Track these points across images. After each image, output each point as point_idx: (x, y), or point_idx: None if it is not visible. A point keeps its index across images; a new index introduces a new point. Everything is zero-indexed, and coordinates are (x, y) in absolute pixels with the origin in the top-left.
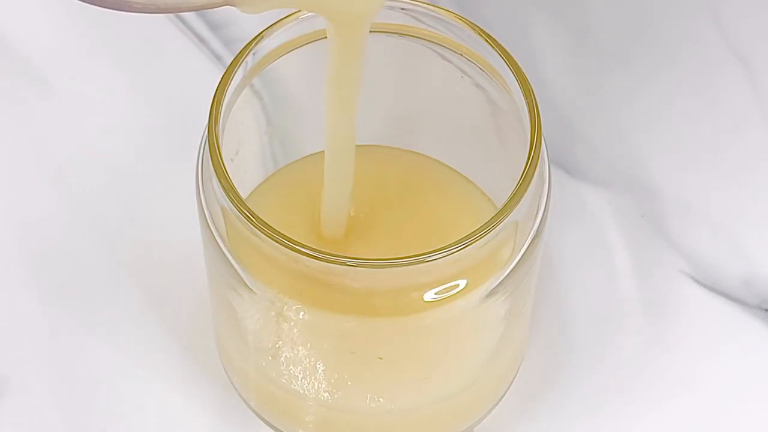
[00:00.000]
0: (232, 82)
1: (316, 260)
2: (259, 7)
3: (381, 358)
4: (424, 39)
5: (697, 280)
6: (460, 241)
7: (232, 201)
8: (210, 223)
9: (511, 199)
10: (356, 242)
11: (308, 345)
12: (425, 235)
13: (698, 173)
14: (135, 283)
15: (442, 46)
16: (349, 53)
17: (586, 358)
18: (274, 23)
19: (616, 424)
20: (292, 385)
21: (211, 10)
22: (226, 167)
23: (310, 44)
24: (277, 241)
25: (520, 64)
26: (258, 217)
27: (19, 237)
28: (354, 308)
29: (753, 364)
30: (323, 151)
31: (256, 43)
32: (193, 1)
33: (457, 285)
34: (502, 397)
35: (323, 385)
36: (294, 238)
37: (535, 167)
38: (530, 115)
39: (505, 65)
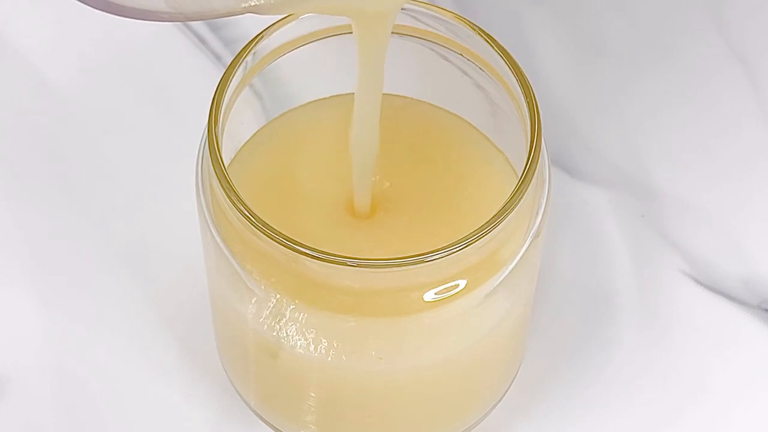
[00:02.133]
0: (232, 82)
1: (316, 260)
2: (281, 13)
3: (381, 358)
4: (424, 39)
5: (697, 280)
6: (460, 241)
7: (232, 201)
8: (210, 223)
9: (511, 199)
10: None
11: (308, 345)
12: (452, 203)
13: (698, 173)
14: (135, 284)
15: (442, 46)
16: (374, 46)
17: (585, 358)
18: (274, 23)
19: (616, 424)
20: (292, 385)
21: None
22: (226, 167)
23: (310, 44)
24: (277, 241)
25: (520, 64)
26: (258, 217)
27: (19, 237)
28: (354, 308)
29: (753, 364)
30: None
31: (256, 43)
32: (217, 9)
33: (457, 285)
34: (502, 397)
35: (323, 385)
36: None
37: (535, 167)
38: (530, 115)
39: (505, 65)
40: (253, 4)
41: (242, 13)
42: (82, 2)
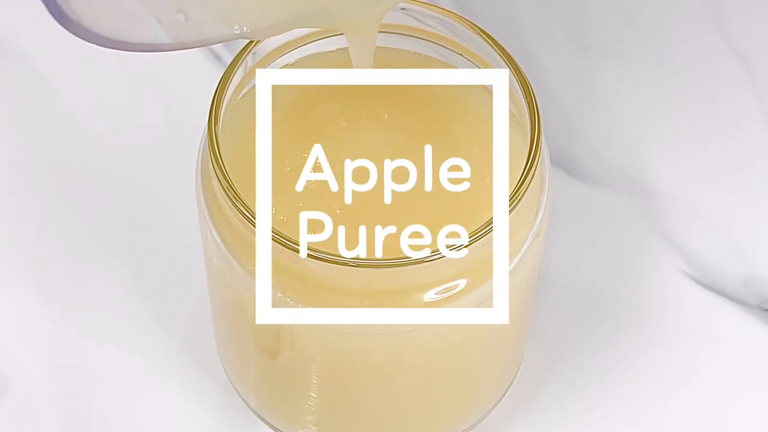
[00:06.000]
0: (232, 82)
1: (316, 260)
2: (270, 37)
3: (381, 358)
4: (424, 39)
5: (697, 280)
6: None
7: (232, 201)
8: (210, 223)
9: (511, 199)
10: None
11: (308, 345)
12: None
13: (698, 173)
14: (135, 283)
15: (442, 46)
16: (364, 48)
17: (585, 358)
18: None
19: (616, 424)
20: (292, 385)
21: None
22: (226, 167)
23: (310, 44)
24: (277, 242)
25: (520, 64)
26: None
27: (19, 236)
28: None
29: (753, 364)
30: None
31: (256, 43)
32: (212, 37)
33: (457, 285)
34: (502, 397)
35: (322, 385)
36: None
37: (535, 167)
38: (530, 115)
39: (505, 65)
40: (245, 30)
41: (235, 39)
42: (89, 42)
